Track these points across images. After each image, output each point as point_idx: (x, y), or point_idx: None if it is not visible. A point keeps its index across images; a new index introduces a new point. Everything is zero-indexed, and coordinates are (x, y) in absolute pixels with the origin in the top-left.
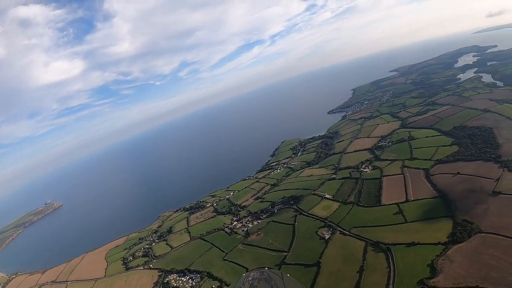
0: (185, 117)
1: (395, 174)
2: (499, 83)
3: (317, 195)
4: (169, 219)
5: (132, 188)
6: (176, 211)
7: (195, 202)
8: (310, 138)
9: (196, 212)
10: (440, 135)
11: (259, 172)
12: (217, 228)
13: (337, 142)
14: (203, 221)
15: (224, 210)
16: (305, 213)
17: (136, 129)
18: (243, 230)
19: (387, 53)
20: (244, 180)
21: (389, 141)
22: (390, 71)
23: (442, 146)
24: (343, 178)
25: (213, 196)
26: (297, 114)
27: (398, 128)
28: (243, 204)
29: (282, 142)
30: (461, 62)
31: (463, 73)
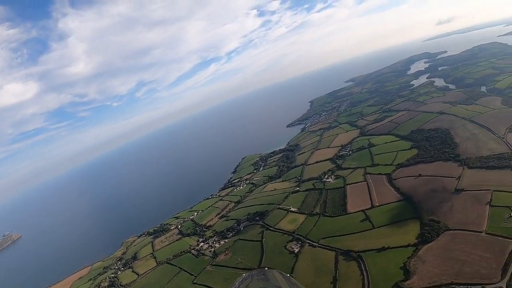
0: (144, 138)
1: (358, 182)
2: (451, 86)
3: (282, 209)
4: (133, 244)
5: (94, 214)
6: (140, 236)
7: (159, 225)
8: (271, 153)
9: (160, 236)
10: (399, 140)
11: (222, 190)
12: (184, 251)
13: (298, 155)
14: (168, 244)
15: (189, 232)
16: (271, 228)
17: (94, 152)
18: (210, 251)
19: (342, 64)
20: (207, 199)
21: (350, 150)
22: (345, 82)
23: (402, 150)
24: (307, 190)
25: (177, 217)
26: (256, 129)
27: (358, 136)
28: (208, 224)
29: (243, 158)
30: (414, 69)
31: (416, 79)
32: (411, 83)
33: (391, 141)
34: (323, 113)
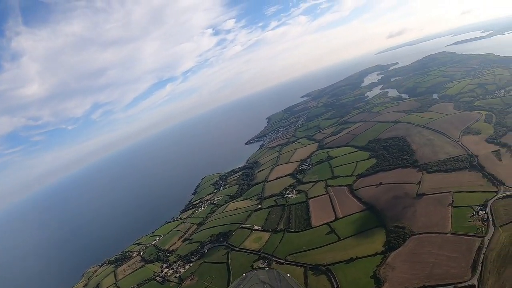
0: (100, 162)
1: (320, 195)
2: (404, 96)
3: (246, 228)
4: (95, 275)
5: (51, 244)
6: (102, 265)
7: (120, 253)
8: (231, 171)
9: (123, 264)
10: (357, 150)
11: (183, 212)
12: (148, 279)
13: (258, 172)
14: (131, 272)
15: (152, 258)
16: (236, 249)
17: (50, 178)
18: (175, 277)
19: (297, 80)
20: (168, 222)
21: (309, 164)
22: (301, 97)
23: (361, 160)
24: (269, 207)
25: (139, 243)
26: (214, 148)
27: (316, 150)
28: (171, 249)
29: (203, 179)
30: (367, 81)
31: (370, 91)
32: (366, 94)
33: (349, 153)
34: (281, 129)
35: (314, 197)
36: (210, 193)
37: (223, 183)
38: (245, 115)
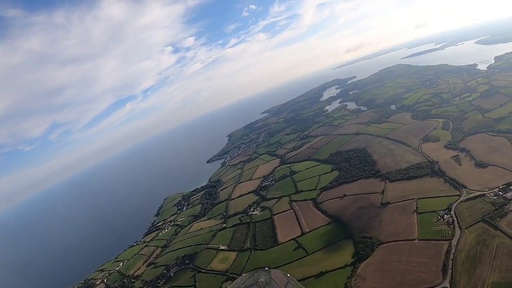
0: (60, 184)
1: (285, 211)
2: (363, 108)
3: (212, 248)
4: None
5: (9, 277)
6: None
7: (82, 282)
8: (193, 191)
9: None
10: (320, 164)
11: (146, 235)
12: None
13: (221, 190)
14: None
15: (116, 285)
16: (203, 271)
17: (7, 203)
18: None
19: (257, 96)
20: (132, 246)
21: (272, 180)
22: (262, 113)
23: (324, 174)
24: (234, 225)
25: (102, 270)
26: (176, 167)
27: (278, 166)
28: (136, 274)
29: (165, 199)
30: (326, 95)
31: (329, 104)
32: (325, 108)
33: (312, 166)
34: (242, 146)
35: (279, 213)
36: (174, 214)
37: (186, 203)
38: (206, 132)
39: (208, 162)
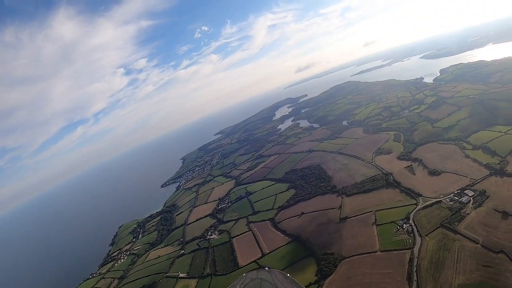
0: (6, 216)
1: (244, 233)
2: (315, 125)
3: (171, 276)
4: None
5: None
6: None
7: None
8: (148, 217)
9: None
10: (275, 183)
11: (102, 266)
12: None
13: (176, 215)
14: None
15: None
16: None
17: None
18: None
19: (210, 117)
20: (87, 279)
21: (228, 202)
22: (215, 134)
23: (280, 193)
24: (192, 251)
25: None
26: (130, 193)
27: (234, 187)
28: None
29: (120, 227)
30: (279, 114)
31: (282, 123)
32: (278, 127)
33: (268, 186)
34: (196, 169)
35: (238, 235)
36: (129, 242)
37: (141, 230)
38: (160, 156)
39: (162, 186)
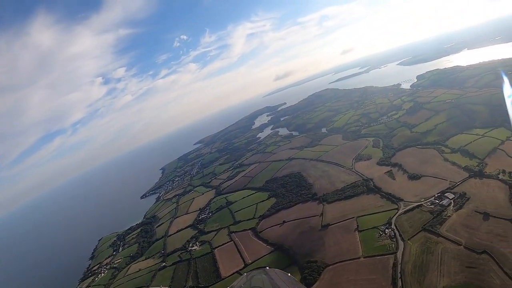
0: None
1: (225, 243)
2: (295, 133)
3: None
4: None
5: None
6: None
7: None
8: (128, 229)
9: None
10: (256, 192)
11: (82, 282)
12: None
13: (157, 227)
14: None
15: None
16: None
17: None
18: None
19: (190, 127)
20: None
21: (209, 212)
22: (194, 144)
23: (261, 202)
24: (174, 263)
25: None
26: (110, 205)
27: (214, 197)
28: None
29: (100, 240)
30: (258, 122)
31: (261, 132)
32: (258, 136)
33: (248, 195)
34: (176, 179)
35: (219, 246)
36: (109, 256)
37: (121, 243)
38: (139, 166)
39: (142, 197)
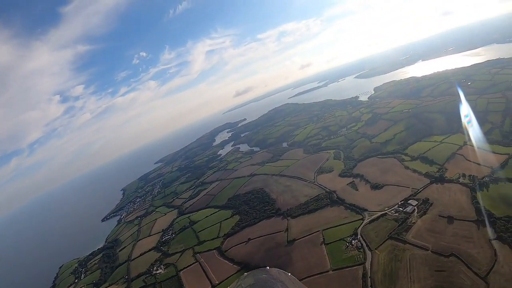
0: None
1: (191, 265)
2: (256, 149)
3: None
4: None
5: None
6: None
7: None
8: (90, 254)
9: None
10: (219, 210)
11: None
12: None
13: (119, 251)
14: None
15: None
16: None
17: None
18: None
19: (149, 145)
20: None
21: (172, 233)
22: (155, 163)
23: (224, 220)
24: None
25: None
26: (70, 230)
27: (177, 217)
28: None
29: (60, 267)
30: (218, 139)
31: (222, 148)
32: (219, 153)
33: (211, 214)
34: (137, 200)
35: (185, 268)
36: (71, 284)
37: (83, 269)
38: (99, 187)
39: (103, 220)
